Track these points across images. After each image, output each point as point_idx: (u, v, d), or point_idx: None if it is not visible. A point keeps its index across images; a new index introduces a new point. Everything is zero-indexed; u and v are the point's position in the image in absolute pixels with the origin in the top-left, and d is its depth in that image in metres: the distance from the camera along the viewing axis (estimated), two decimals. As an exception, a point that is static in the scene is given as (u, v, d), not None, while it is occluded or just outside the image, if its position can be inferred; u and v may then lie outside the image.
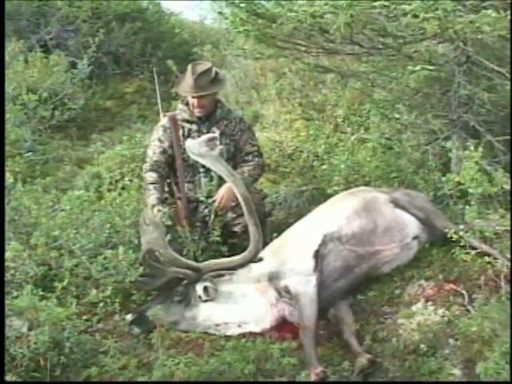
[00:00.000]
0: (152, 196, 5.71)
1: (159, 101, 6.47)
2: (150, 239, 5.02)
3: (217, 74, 5.93)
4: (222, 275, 5.08)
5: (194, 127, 5.91)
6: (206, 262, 5.18)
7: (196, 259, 5.36)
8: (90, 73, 9.62)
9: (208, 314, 4.99)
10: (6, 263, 4.78)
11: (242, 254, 5.03)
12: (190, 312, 5.02)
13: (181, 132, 5.89)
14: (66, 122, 8.88)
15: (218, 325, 4.96)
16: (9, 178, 5.42)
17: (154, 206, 5.62)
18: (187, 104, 5.97)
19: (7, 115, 7.92)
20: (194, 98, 5.81)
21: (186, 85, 5.82)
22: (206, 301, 4.99)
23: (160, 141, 5.92)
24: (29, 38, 10.46)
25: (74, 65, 9.70)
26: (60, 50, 10.14)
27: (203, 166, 5.66)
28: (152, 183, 5.80)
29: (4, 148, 5.93)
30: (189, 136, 5.80)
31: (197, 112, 5.87)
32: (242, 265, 5.06)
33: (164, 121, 6.00)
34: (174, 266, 5.01)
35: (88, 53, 9.37)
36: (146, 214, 5.23)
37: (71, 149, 8.72)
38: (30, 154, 7.80)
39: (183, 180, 5.87)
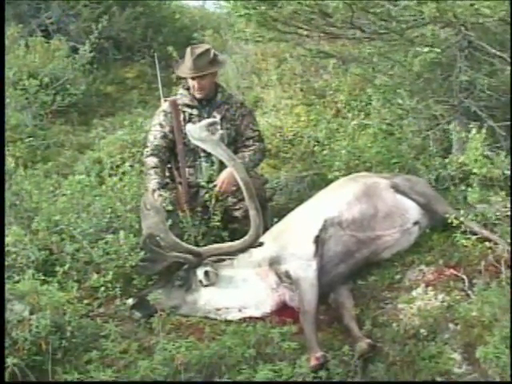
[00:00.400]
0: (153, 181, 5.72)
1: (160, 86, 6.47)
2: (151, 224, 5.03)
3: (215, 55, 5.96)
4: (223, 260, 5.09)
5: (195, 112, 5.91)
6: (207, 247, 5.20)
7: (197, 244, 5.37)
8: (91, 58, 9.59)
9: (209, 299, 5.01)
10: (8, 248, 4.82)
11: (243, 239, 5.04)
12: (191, 296, 5.03)
13: (182, 117, 5.90)
14: (67, 107, 8.86)
15: (218, 309, 4.98)
16: (10, 163, 5.44)
17: (154, 190, 5.62)
18: (188, 89, 5.98)
19: (8, 100, 7.94)
20: (193, 79, 5.82)
21: (185, 67, 5.85)
22: (206, 285, 5.01)
23: (161, 125, 5.92)
24: (29, 22, 10.44)
25: (75, 50, 9.70)
26: (61, 35, 10.11)
27: (204, 151, 5.66)
28: (153, 168, 5.80)
29: (4, 133, 5.91)
30: (190, 121, 5.79)
31: (197, 94, 5.88)
32: (243, 249, 5.07)
33: (165, 106, 6.00)
34: (174, 251, 5.02)
35: (90, 39, 9.35)
36: (146, 198, 5.23)
37: (72, 134, 8.70)
38: (31, 139, 7.78)
39: (184, 165, 5.86)
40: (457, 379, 4.12)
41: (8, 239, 4.87)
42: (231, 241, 5.25)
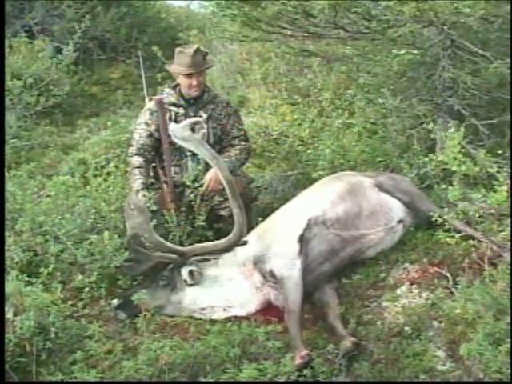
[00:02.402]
0: (137, 181, 5.70)
1: (144, 85, 6.46)
2: (135, 224, 5.03)
3: (207, 53, 6.02)
4: (208, 259, 5.09)
5: (182, 111, 5.91)
6: (191, 246, 5.21)
7: (181, 244, 5.37)
8: (75, 58, 9.57)
9: (193, 298, 5.02)
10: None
11: (227, 238, 5.05)
12: (176, 296, 5.04)
13: (168, 115, 5.88)
14: (51, 108, 8.83)
15: (203, 309, 4.99)
16: (-7, 164, 5.42)
17: (138, 190, 5.61)
18: (175, 88, 5.98)
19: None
20: (191, 76, 5.81)
21: (183, 65, 5.82)
22: (191, 285, 5.02)
23: (146, 124, 5.90)
24: (13, 23, 10.41)
25: (59, 50, 9.64)
26: (45, 36, 10.10)
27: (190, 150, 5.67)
28: (137, 167, 5.78)
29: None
30: (176, 120, 5.79)
31: (194, 92, 5.87)
32: (228, 248, 5.08)
33: (150, 104, 5.97)
34: (159, 251, 5.02)
35: (73, 38, 9.31)
36: (130, 198, 5.23)
37: (56, 135, 8.70)
38: (15, 140, 7.78)
39: (169, 164, 5.84)
40: (441, 376, 4.13)
41: (-10, 241, 4.87)
42: (216, 240, 5.25)
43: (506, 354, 3.73)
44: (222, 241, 5.09)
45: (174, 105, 5.92)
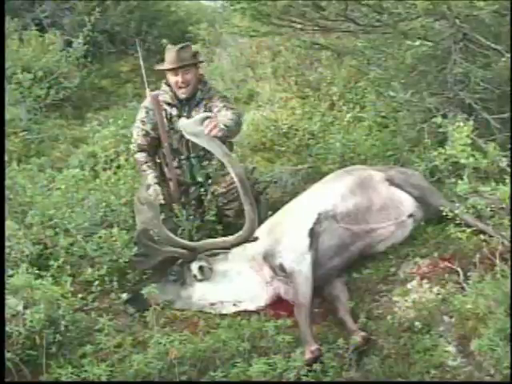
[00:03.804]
0: (150, 175, 5.72)
1: (144, 73, 6.32)
2: (145, 219, 5.02)
3: (197, 52, 5.98)
4: (217, 254, 5.08)
5: (175, 111, 5.84)
6: (202, 242, 5.20)
7: (191, 238, 5.37)
8: (85, 52, 9.60)
9: (203, 293, 5.02)
10: (0, 242, 4.81)
11: (237, 234, 5.03)
12: (186, 291, 5.05)
13: (163, 114, 5.85)
14: (61, 101, 8.88)
15: (213, 304, 4.99)
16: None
17: (152, 185, 5.63)
18: (170, 85, 5.89)
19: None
20: (177, 74, 5.73)
21: (168, 61, 5.76)
22: (201, 280, 5.01)
23: (142, 122, 5.87)
24: (23, 16, 10.43)
25: (69, 43, 9.69)
26: (55, 29, 10.11)
27: (187, 150, 5.74)
28: (145, 162, 5.80)
29: (4, 131, 5.89)
30: (170, 120, 5.78)
31: (181, 92, 5.79)
32: (237, 244, 5.06)
33: (146, 102, 5.94)
34: (169, 246, 5.01)
35: (84, 32, 9.34)
36: (140, 193, 5.22)
37: (66, 128, 8.71)
38: (25, 133, 7.79)
39: (172, 162, 5.83)
40: (452, 372, 4.11)
41: (0, 233, 4.88)
42: (225, 235, 5.25)
43: (517, 349, 3.72)
44: (233, 237, 5.08)
45: (169, 104, 5.86)
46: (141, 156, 5.83)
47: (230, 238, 5.10)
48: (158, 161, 5.94)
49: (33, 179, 5.55)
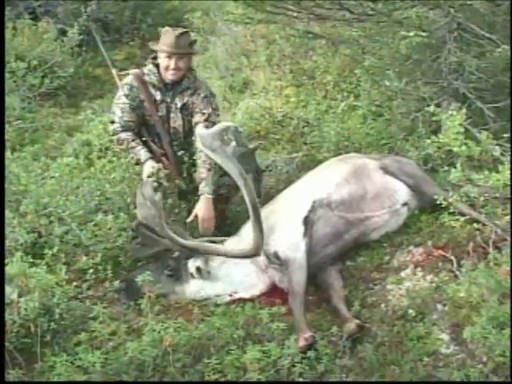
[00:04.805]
0: (141, 151, 5.68)
1: (108, 60, 6.36)
2: (147, 215, 4.92)
3: (195, 40, 5.91)
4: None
5: (158, 96, 5.77)
6: (204, 245, 5.10)
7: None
8: (79, 40, 9.57)
9: (198, 290, 5.00)
10: (-5, 231, 4.80)
11: (241, 249, 4.94)
12: (180, 287, 5.02)
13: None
14: (55, 90, 8.84)
15: (208, 298, 4.97)
16: (-2, 146, 5.41)
17: (146, 160, 5.62)
18: (157, 66, 5.79)
19: (-5, 83, 7.92)
20: (171, 58, 5.64)
21: (166, 43, 5.64)
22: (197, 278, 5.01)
23: (127, 96, 5.77)
24: (17, 5, 10.37)
25: (63, 32, 9.64)
26: (49, 18, 10.06)
27: (169, 135, 5.80)
28: (133, 140, 5.74)
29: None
30: (154, 103, 5.75)
31: (170, 75, 5.69)
32: (239, 257, 4.99)
33: (129, 79, 5.84)
34: (170, 244, 5.00)
35: (79, 21, 9.33)
36: (143, 188, 5.03)
37: (61, 116, 8.69)
38: (19, 121, 7.76)
39: (166, 136, 5.80)
40: (444, 360, 4.13)
41: (-4, 222, 4.88)
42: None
43: (509, 337, 3.74)
44: (236, 249, 4.99)
45: (154, 86, 5.77)
46: (126, 135, 5.74)
47: (233, 250, 5.01)
48: (144, 139, 5.81)
49: (27, 168, 5.51)
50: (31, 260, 4.50)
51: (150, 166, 5.55)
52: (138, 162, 5.67)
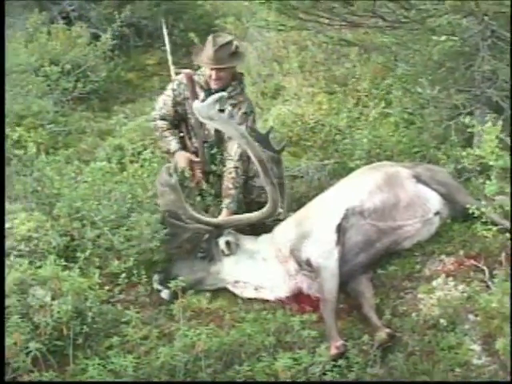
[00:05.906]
0: (172, 141, 5.83)
1: (169, 55, 6.38)
2: (168, 201, 5.12)
3: (237, 47, 5.84)
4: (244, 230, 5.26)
5: (202, 96, 5.76)
6: (226, 218, 5.38)
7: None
8: (112, 45, 9.66)
9: (231, 269, 5.16)
10: (29, 233, 4.86)
11: (261, 211, 5.14)
12: (214, 267, 5.18)
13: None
14: (88, 94, 8.97)
15: (237, 282, 5.13)
16: (31, 149, 5.46)
17: (176, 151, 5.75)
18: None
19: (29, 86, 8.02)
20: (211, 69, 5.72)
21: (205, 56, 5.71)
22: (228, 255, 5.14)
23: (173, 91, 5.90)
24: (51, 9, 10.50)
25: (96, 37, 9.75)
26: (82, 22, 10.17)
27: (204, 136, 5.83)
28: (167, 129, 5.87)
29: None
30: None
31: (214, 84, 5.78)
32: (261, 221, 5.22)
33: (180, 76, 5.97)
34: (195, 223, 5.11)
35: (112, 27, 9.45)
36: (161, 176, 5.22)
37: (93, 120, 8.76)
38: (53, 125, 7.86)
39: (201, 138, 5.86)
40: (476, 370, 4.11)
41: (30, 225, 4.93)
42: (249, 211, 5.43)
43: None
44: (256, 213, 5.22)
45: (201, 87, 5.85)
46: (161, 123, 5.88)
47: (254, 215, 5.25)
48: (182, 134, 5.95)
49: (60, 171, 5.57)
50: (64, 263, 4.54)
51: (185, 157, 5.72)
52: (168, 151, 5.85)
